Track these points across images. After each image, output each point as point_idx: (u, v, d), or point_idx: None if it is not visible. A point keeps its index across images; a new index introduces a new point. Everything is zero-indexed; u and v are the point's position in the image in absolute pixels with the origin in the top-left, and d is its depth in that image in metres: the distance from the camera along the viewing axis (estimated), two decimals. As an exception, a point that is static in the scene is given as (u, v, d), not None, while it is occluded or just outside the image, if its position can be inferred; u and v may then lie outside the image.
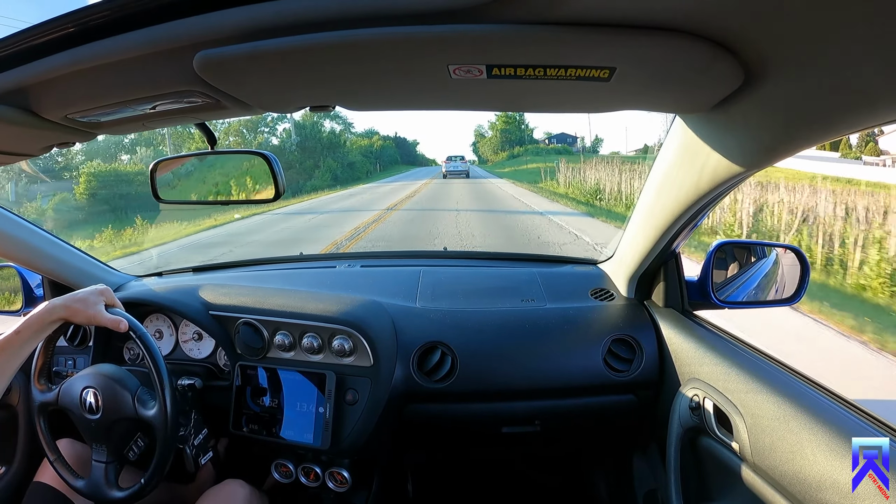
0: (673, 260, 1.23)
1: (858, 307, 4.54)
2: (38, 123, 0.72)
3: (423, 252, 2.29)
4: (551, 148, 54.47)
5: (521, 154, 53.03)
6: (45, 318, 1.01)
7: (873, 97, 0.49)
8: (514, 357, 1.25)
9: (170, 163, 1.11)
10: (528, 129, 62.80)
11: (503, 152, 57.74)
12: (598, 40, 0.49)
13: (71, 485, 1.10)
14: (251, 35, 0.52)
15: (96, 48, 0.56)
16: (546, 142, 60.51)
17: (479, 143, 66.53)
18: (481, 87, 0.61)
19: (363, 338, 1.23)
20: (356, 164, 37.01)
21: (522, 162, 41.95)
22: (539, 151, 51.38)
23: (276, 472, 1.33)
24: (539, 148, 55.79)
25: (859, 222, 6.54)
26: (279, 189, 0.99)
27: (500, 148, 59.81)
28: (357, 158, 38.90)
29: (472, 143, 71.51)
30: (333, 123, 44.26)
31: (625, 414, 1.30)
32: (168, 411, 1.05)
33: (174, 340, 1.43)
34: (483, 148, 64.46)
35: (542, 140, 61.89)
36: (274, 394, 1.27)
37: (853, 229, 6.32)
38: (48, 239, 1.39)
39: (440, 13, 0.48)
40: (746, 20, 0.46)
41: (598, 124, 75.40)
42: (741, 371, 0.95)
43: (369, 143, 51.39)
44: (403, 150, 64.31)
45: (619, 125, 37.84)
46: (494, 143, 61.05)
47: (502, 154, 57.42)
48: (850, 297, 4.94)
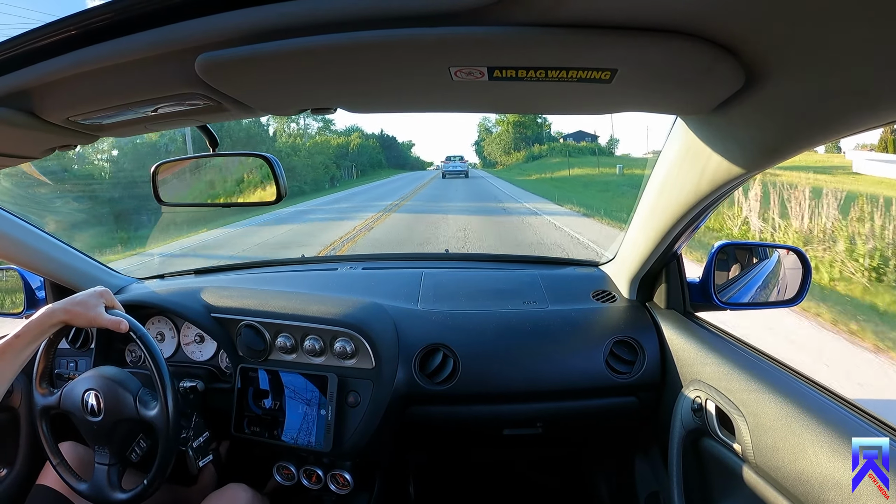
0: (675, 261, 1.23)
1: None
2: (40, 126, 0.73)
3: (425, 254, 2.30)
4: (584, 147, 44.39)
5: (544, 154, 42.55)
6: (46, 321, 1.01)
7: (874, 98, 0.49)
8: (515, 359, 1.25)
9: (171, 165, 1.11)
10: (545, 124, 51.90)
11: (518, 152, 47.91)
12: (599, 42, 0.49)
13: (74, 488, 1.10)
14: (253, 37, 0.52)
15: (98, 51, 0.57)
16: (564, 140, 51.24)
17: (484, 142, 56.72)
18: (483, 89, 0.61)
19: (365, 340, 1.23)
20: (300, 171, 25.52)
21: (551, 166, 31.26)
22: (570, 151, 40.69)
23: (277, 475, 1.33)
24: (568, 147, 44.27)
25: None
26: (281, 191, 0.99)
27: (513, 147, 49.79)
28: (318, 162, 29.16)
29: (476, 141, 61.88)
30: (310, 121, 39.05)
31: (626, 416, 1.30)
32: (170, 410, 1.05)
33: (176, 343, 1.43)
34: (491, 147, 53.87)
35: (559, 137, 52.42)
36: (276, 396, 1.27)
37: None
38: (50, 241, 1.39)
39: (441, 15, 0.48)
40: (748, 22, 0.46)
41: (618, 123, 68.08)
42: (743, 372, 0.95)
43: (345, 141, 42.23)
44: (392, 152, 56.10)
45: (639, 124, 34.52)
46: (506, 140, 50.87)
47: (517, 155, 47.26)
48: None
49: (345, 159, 38.09)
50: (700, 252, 5.27)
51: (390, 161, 53.94)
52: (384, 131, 56.69)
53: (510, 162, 47.95)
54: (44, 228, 1.40)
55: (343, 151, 39.69)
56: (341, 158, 37.49)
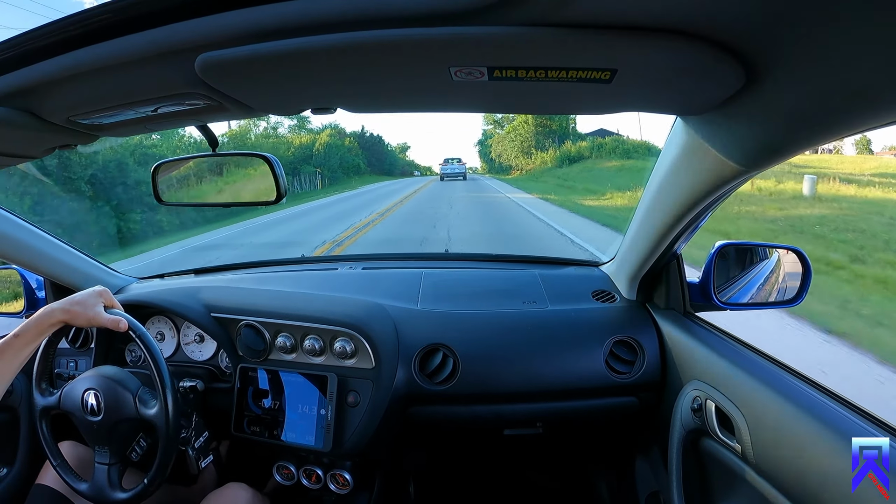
0: (674, 261, 1.23)
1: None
2: (40, 126, 0.73)
3: (425, 254, 2.31)
4: (640, 145, 29.16)
5: (586, 155, 29.23)
6: (45, 321, 1.01)
7: (874, 98, 0.49)
8: (515, 359, 1.25)
9: (171, 165, 1.11)
10: (572, 118, 34.52)
11: (542, 152, 34.11)
12: (599, 42, 0.49)
13: (74, 488, 1.10)
14: (253, 37, 0.52)
15: (98, 51, 0.57)
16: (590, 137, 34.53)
17: (490, 141, 42.99)
18: (482, 89, 0.61)
19: (365, 340, 1.23)
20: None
21: (609, 175, 20.22)
22: (626, 151, 28.28)
23: (277, 475, 1.33)
24: (624, 143, 30.15)
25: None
26: (280, 191, 1.00)
27: (534, 145, 35.63)
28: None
29: (480, 140, 48.15)
30: (283, 118, 27.69)
31: (626, 416, 1.30)
32: (169, 409, 1.06)
33: (176, 342, 1.43)
34: (502, 146, 39.76)
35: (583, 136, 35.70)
36: (275, 396, 1.27)
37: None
38: (49, 240, 1.39)
39: (442, 15, 0.48)
40: (748, 21, 0.46)
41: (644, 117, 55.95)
42: (743, 372, 0.95)
43: (311, 140, 31.64)
44: (375, 154, 44.79)
45: (666, 122, 31.72)
46: (523, 137, 36.74)
47: (543, 156, 33.63)
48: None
49: (308, 163, 28.76)
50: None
51: (374, 166, 43.21)
52: (366, 129, 44.57)
53: (533, 166, 34.15)
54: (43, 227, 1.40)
55: (307, 153, 30.04)
56: (303, 162, 28.56)
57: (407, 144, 68.45)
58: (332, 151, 32.51)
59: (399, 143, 67.90)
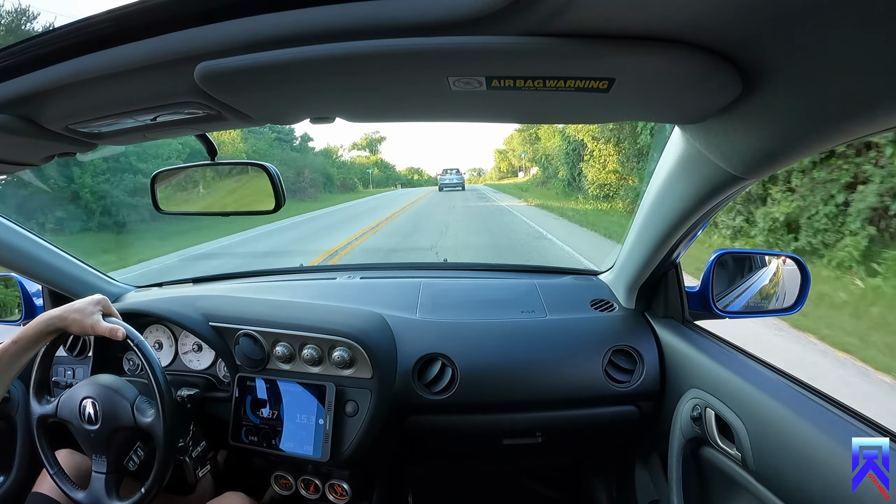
0: (673, 270, 1.23)
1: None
2: (39, 133, 0.73)
3: (424, 263, 2.30)
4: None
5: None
6: (42, 328, 1.01)
7: (871, 105, 0.50)
8: (514, 368, 1.25)
9: (170, 174, 1.11)
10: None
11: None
12: (597, 52, 0.49)
13: (71, 496, 1.09)
14: (252, 47, 0.52)
15: (98, 59, 0.57)
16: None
17: (503, 150, 36.54)
18: (480, 99, 0.61)
19: (363, 349, 1.22)
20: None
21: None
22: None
23: (275, 485, 1.32)
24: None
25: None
26: (279, 201, 1.00)
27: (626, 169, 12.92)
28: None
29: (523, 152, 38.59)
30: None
31: (626, 424, 1.29)
32: (167, 418, 1.05)
33: (174, 351, 1.42)
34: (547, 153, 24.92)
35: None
36: (273, 405, 1.26)
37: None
38: (48, 248, 1.39)
39: (440, 25, 0.48)
40: (745, 29, 0.46)
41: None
42: (742, 380, 0.94)
43: (232, 152, 20.22)
44: (345, 168, 38.54)
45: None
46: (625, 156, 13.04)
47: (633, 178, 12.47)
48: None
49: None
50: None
51: (345, 181, 34.40)
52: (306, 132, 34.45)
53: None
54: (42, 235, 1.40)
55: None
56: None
57: (392, 165, 54.67)
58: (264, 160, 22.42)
59: (388, 161, 56.22)
